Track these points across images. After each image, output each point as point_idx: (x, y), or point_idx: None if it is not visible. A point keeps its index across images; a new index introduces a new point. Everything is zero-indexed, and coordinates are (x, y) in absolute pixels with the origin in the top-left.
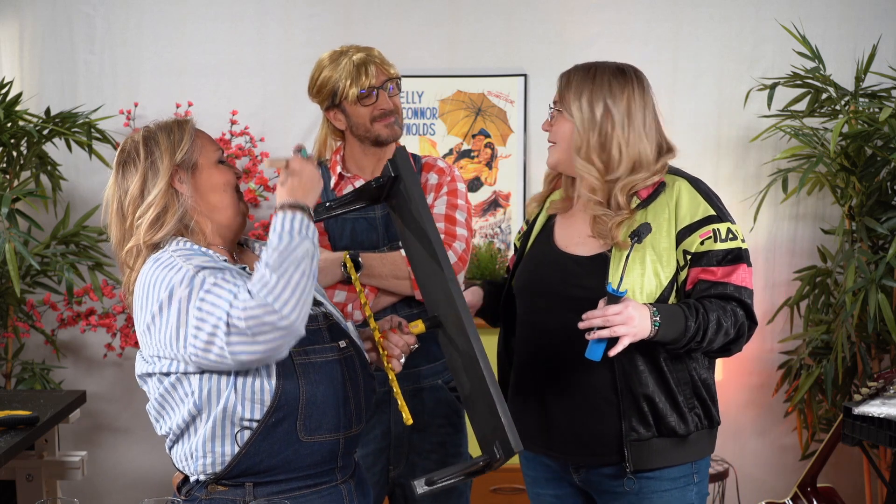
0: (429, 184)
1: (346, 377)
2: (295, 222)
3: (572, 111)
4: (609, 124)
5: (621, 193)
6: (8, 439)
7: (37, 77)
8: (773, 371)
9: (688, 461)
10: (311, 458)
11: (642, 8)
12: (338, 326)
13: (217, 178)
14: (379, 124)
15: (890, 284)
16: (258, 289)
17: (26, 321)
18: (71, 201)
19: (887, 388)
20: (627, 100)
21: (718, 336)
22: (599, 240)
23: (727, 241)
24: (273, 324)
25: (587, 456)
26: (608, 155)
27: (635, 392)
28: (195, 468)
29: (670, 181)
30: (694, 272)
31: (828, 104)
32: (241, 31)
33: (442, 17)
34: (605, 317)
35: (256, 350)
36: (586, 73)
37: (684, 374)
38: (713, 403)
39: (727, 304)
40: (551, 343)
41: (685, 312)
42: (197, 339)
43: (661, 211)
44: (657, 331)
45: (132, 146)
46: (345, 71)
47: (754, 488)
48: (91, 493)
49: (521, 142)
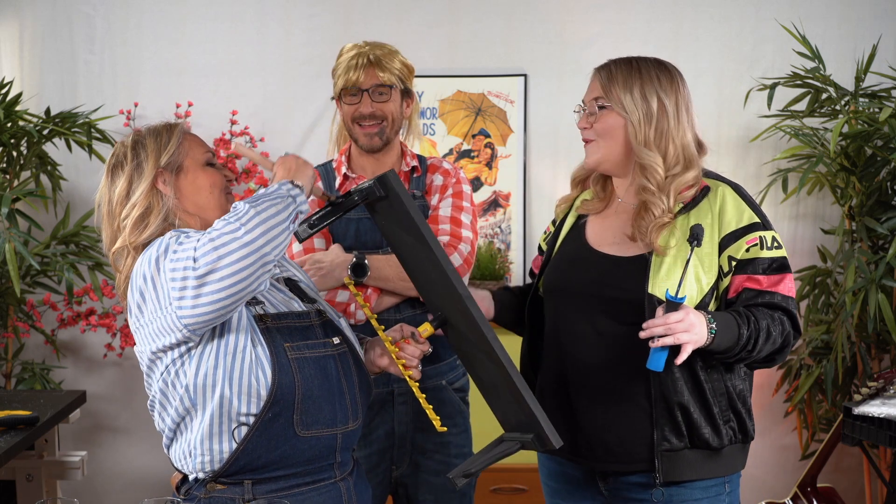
0: (434, 185)
1: (341, 373)
2: (284, 186)
3: (624, 105)
4: (664, 118)
5: (674, 193)
6: (8, 439)
7: (37, 77)
8: (773, 371)
9: (719, 475)
10: (309, 453)
11: (642, 8)
12: (331, 323)
13: (203, 179)
14: (359, 128)
15: (890, 284)
16: (227, 216)
17: (26, 321)
18: (71, 201)
19: (887, 388)
20: (676, 93)
21: (767, 345)
22: (637, 241)
23: (773, 249)
24: (236, 237)
25: (616, 463)
26: (665, 150)
27: (669, 400)
28: (193, 466)
29: (714, 186)
30: (738, 280)
31: (828, 104)
32: (241, 31)
33: (442, 17)
34: (668, 324)
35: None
36: (630, 66)
37: (720, 384)
38: (749, 417)
39: (774, 312)
40: (582, 345)
41: (737, 320)
42: (174, 289)
43: (704, 216)
44: (713, 338)
45: (122, 150)
46: (343, 64)
47: (754, 488)
48: (91, 493)
49: (521, 142)
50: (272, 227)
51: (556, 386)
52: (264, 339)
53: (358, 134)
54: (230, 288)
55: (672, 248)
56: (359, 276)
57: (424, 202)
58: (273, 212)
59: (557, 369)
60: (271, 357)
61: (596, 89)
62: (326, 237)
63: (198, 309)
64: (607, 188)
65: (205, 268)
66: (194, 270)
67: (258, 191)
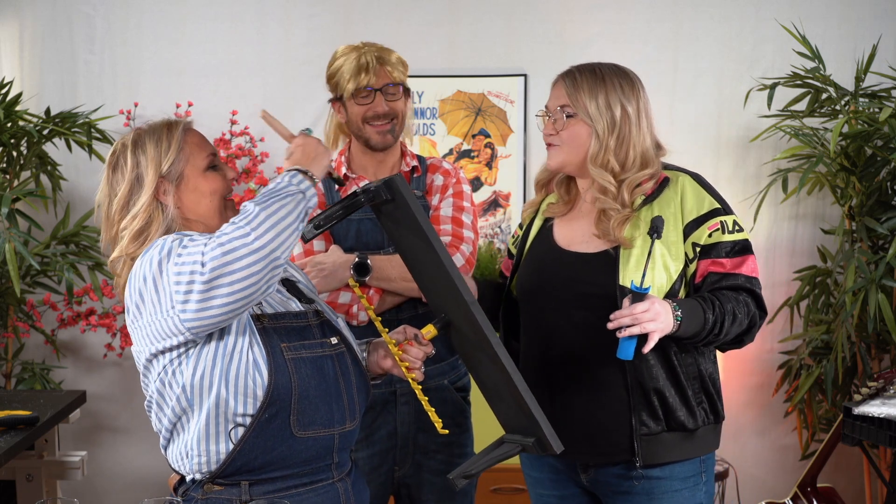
0: (434, 185)
1: (338, 373)
2: (294, 179)
3: (590, 114)
4: (626, 125)
5: (627, 190)
6: (8, 439)
7: (37, 77)
8: (773, 371)
9: (695, 456)
10: (306, 454)
11: (642, 8)
12: (329, 323)
13: (204, 187)
14: (371, 128)
15: (890, 284)
16: (236, 219)
17: (26, 321)
18: (71, 201)
19: (887, 388)
20: (637, 99)
21: (733, 327)
22: (604, 238)
23: (734, 232)
24: (246, 245)
25: (597, 455)
26: (625, 155)
27: (646, 386)
28: (190, 467)
29: (673, 176)
30: (703, 264)
31: (828, 104)
32: (241, 31)
33: (442, 17)
34: (634, 315)
35: (234, 279)
36: (593, 74)
37: (693, 368)
38: (718, 398)
39: (738, 294)
40: (560, 342)
41: (702, 305)
42: (178, 293)
43: (668, 206)
44: (679, 325)
45: (121, 151)
46: (348, 66)
47: (754, 488)
48: (91, 493)
49: (521, 142)
50: (282, 229)
51: (537, 382)
52: (261, 340)
53: (370, 133)
54: (239, 293)
55: (638, 240)
56: (361, 275)
57: (425, 202)
58: (283, 213)
59: (537, 366)
60: (268, 357)
61: (562, 96)
62: (326, 238)
63: (203, 313)
64: (571, 191)
65: (213, 272)
66: (202, 275)
67: (269, 183)
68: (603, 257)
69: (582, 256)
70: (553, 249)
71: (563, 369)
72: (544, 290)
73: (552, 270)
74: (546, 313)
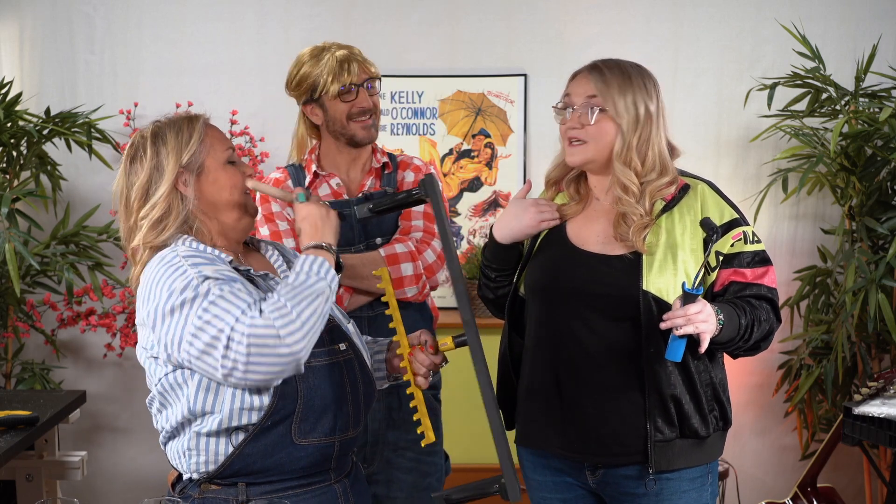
0: (405, 181)
1: (346, 380)
2: (315, 264)
3: (619, 111)
4: (649, 124)
5: (649, 198)
6: (8, 439)
7: (37, 77)
8: (773, 371)
9: (704, 462)
10: (305, 461)
11: (642, 8)
12: (339, 329)
13: (224, 180)
14: (356, 124)
15: (890, 284)
16: (270, 310)
17: (26, 321)
18: (71, 201)
19: (887, 388)
20: (657, 99)
21: (756, 333)
22: (621, 242)
23: (755, 243)
24: (274, 348)
25: (608, 456)
26: (645, 156)
27: (663, 393)
28: (188, 466)
29: (693, 183)
30: (725, 273)
31: (828, 104)
32: (241, 31)
33: (442, 17)
34: (687, 315)
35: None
36: (622, 71)
37: (706, 375)
38: (728, 405)
39: (759, 303)
40: (572, 342)
41: (736, 311)
42: (193, 346)
43: (688, 212)
44: (721, 329)
45: (140, 142)
46: (327, 66)
47: (754, 488)
48: (91, 493)
49: (521, 142)
50: (311, 327)
51: (547, 383)
52: None
53: (355, 130)
54: (257, 381)
55: (659, 247)
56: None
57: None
58: (310, 311)
59: (548, 366)
60: None
61: (589, 89)
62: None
63: (204, 373)
64: (581, 190)
65: (235, 360)
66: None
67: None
68: (623, 260)
69: (599, 257)
70: (567, 248)
71: (577, 371)
72: (559, 290)
73: (566, 269)
74: (558, 312)
